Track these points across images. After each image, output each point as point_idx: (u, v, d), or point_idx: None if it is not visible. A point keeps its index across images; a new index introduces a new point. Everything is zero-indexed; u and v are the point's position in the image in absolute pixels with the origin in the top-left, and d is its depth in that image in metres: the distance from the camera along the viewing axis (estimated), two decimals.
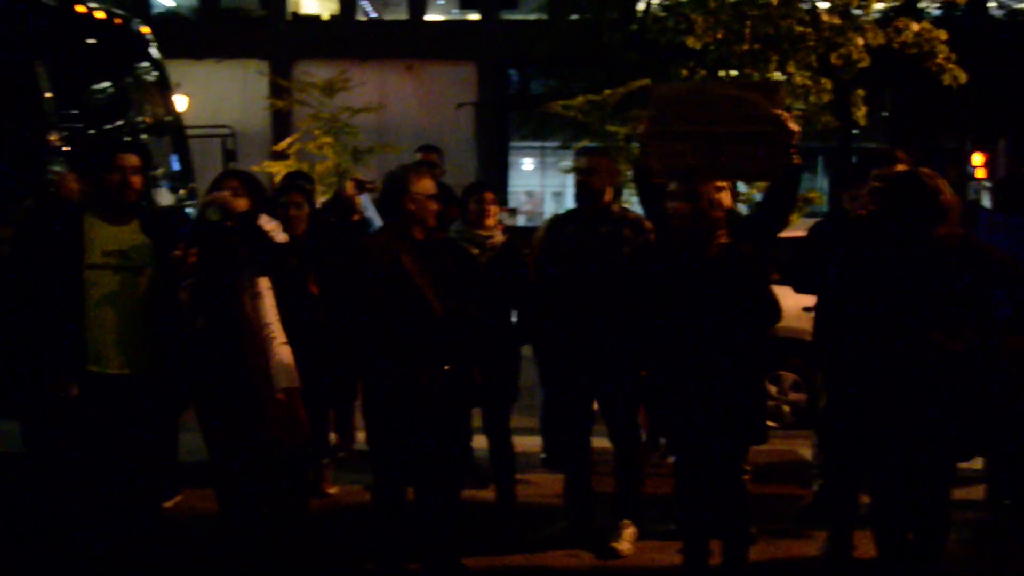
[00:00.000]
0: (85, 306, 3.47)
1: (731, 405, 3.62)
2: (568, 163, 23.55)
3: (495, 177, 23.52)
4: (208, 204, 3.68)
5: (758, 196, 11.00)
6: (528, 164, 30.07)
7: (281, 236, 3.82)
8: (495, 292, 4.36)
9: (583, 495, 4.43)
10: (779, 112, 4.07)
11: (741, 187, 7.48)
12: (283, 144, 18.28)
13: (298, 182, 4.71)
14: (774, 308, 3.69)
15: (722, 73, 9.11)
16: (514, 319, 4.78)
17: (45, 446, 4.07)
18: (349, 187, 4.47)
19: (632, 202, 19.94)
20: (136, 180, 3.61)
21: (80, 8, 7.73)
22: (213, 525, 4.51)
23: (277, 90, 20.83)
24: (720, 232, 3.66)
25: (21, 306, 3.48)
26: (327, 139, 18.10)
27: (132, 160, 3.61)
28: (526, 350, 4.72)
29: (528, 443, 5.55)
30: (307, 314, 4.26)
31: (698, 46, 8.52)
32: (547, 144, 27.26)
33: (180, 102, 9.82)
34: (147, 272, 3.61)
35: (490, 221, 4.59)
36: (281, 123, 22.29)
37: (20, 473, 4.82)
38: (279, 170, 16.42)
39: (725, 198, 3.96)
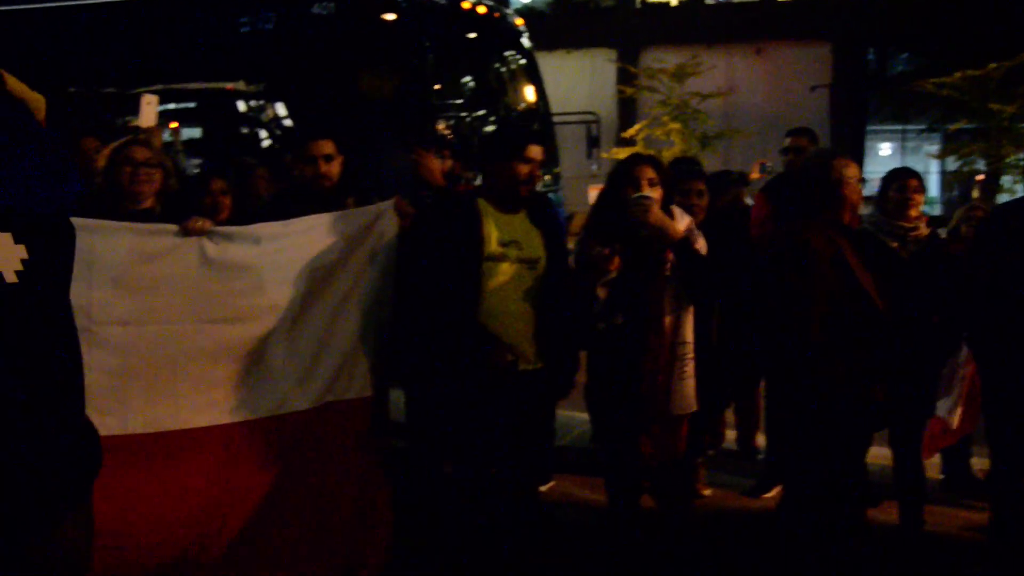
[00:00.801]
0: (482, 298, 3.36)
1: None
2: (934, 147, 21.43)
3: None
4: (636, 207, 3.38)
5: None
6: (885, 149, 27.78)
7: (701, 243, 3.55)
8: (919, 292, 3.81)
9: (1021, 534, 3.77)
10: None
11: None
12: (631, 131, 18.42)
13: (696, 168, 4.42)
14: None
15: None
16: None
17: (434, 423, 4.19)
18: (755, 171, 4.12)
19: (1017, 191, 17.70)
20: (538, 173, 3.46)
21: (465, 4, 8.16)
22: (587, 513, 4.50)
23: (625, 77, 21.01)
24: None
25: (424, 294, 3.43)
26: (675, 125, 17.96)
27: (539, 153, 3.45)
28: None
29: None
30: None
31: None
32: (908, 127, 25.04)
33: (529, 91, 10.06)
34: (541, 263, 3.46)
35: (913, 212, 4.02)
36: (627, 110, 22.47)
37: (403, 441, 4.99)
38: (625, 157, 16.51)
39: None
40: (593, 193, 10.18)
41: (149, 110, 4.78)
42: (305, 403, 3.55)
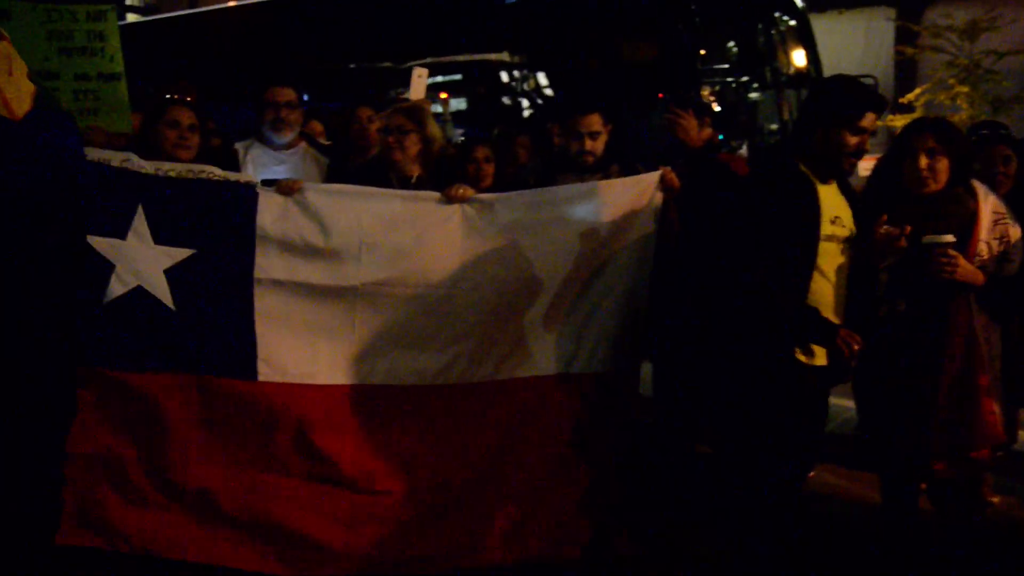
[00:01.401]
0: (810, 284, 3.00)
1: None
2: None
3: None
4: (940, 263, 3.02)
5: None
6: None
7: (1014, 232, 3.09)
8: None
9: None
10: None
11: None
12: (911, 95, 16.92)
13: (1001, 131, 3.87)
14: None
15: None
16: None
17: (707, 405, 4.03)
18: None
19: None
20: (868, 146, 3.06)
21: None
22: (848, 506, 4.35)
23: (905, 37, 19.33)
24: None
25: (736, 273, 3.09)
26: (963, 88, 16.26)
27: (873, 122, 3.04)
28: None
29: None
30: None
31: None
32: None
33: (800, 55, 9.41)
34: (853, 241, 3.09)
35: None
36: (906, 73, 20.68)
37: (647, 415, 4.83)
38: (902, 124, 15.21)
39: None
40: (863, 164, 9.43)
41: (420, 83, 4.94)
42: (556, 369, 3.57)
